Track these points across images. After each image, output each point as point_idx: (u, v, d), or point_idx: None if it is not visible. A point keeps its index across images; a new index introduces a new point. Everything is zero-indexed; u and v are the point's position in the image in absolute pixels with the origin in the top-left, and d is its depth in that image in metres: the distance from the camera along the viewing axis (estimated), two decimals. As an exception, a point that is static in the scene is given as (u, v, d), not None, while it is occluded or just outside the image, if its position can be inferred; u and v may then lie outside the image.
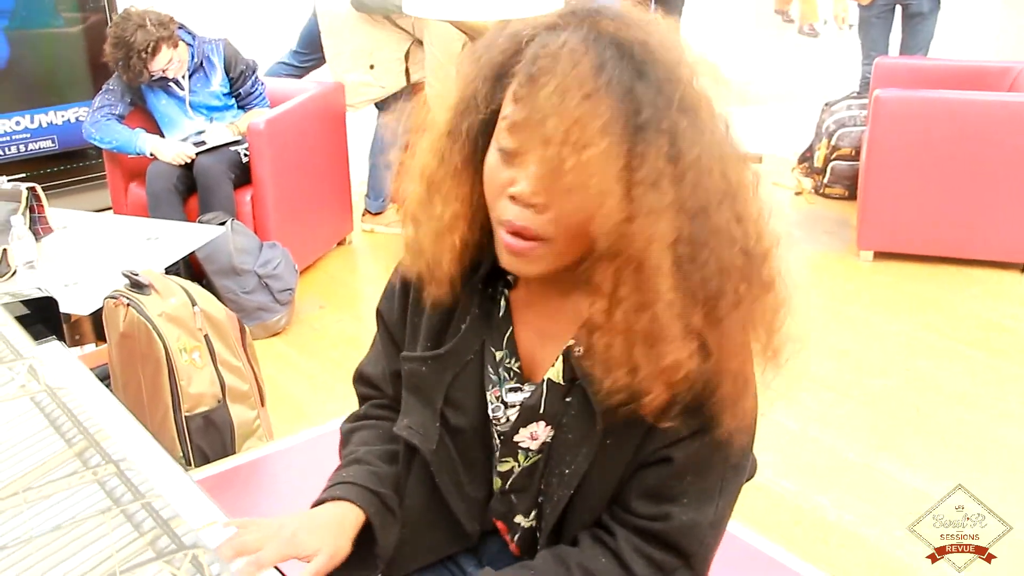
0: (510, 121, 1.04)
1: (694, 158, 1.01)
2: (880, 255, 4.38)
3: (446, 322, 1.24)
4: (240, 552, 1.14)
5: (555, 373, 1.18)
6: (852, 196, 4.88)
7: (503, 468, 1.25)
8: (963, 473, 2.81)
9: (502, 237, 1.08)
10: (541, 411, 1.19)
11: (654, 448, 1.12)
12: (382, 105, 4.66)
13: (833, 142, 5.06)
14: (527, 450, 1.22)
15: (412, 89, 4.55)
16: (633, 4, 1.10)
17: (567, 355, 1.16)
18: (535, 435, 1.21)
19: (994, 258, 4.26)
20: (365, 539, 1.25)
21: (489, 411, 1.24)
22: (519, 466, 1.24)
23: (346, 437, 1.40)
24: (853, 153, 4.96)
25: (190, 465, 2.69)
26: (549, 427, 1.19)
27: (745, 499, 1.24)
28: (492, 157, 1.07)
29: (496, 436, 1.25)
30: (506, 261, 1.10)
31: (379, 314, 1.35)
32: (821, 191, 5.19)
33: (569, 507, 1.18)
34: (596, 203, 1.00)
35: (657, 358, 1.03)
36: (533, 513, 1.25)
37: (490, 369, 1.23)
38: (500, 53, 1.08)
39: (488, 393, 1.23)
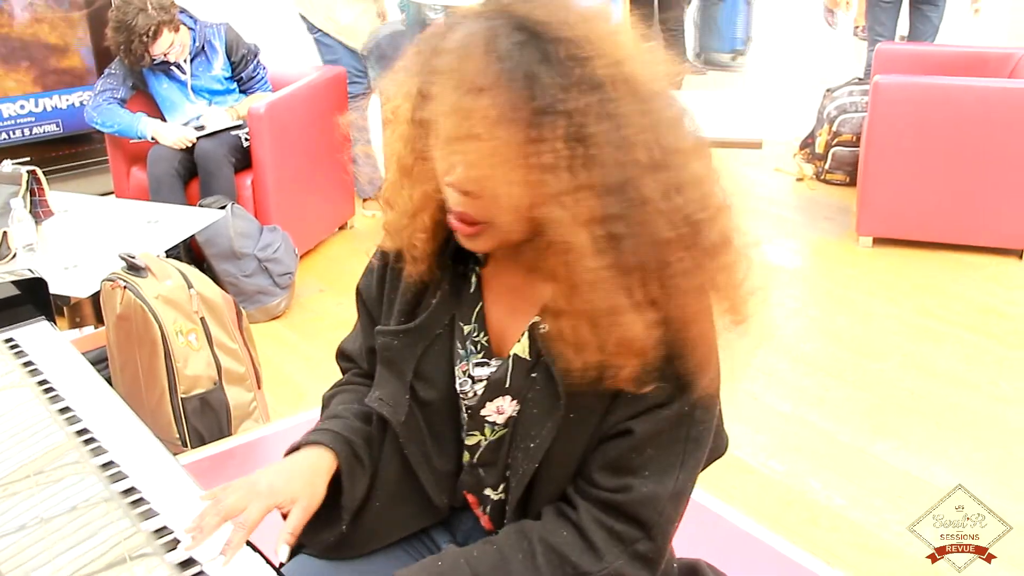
0: (423, 115, 1.08)
1: (604, 134, 1.00)
2: (879, 241, 4.38)
3: (419, 297, 1.26)
4: (226, 517, 1.16)
5: (521, 348, 1.20)
6: (853, 182, 4.88)
7: (470, 442, 1.28)
8: (958, 456, 2.82)
9: (450, 220, 1.11)
10: (507, 385, 1.22)
11: (615, 421, 1.15)
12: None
13: (834, 128, 5.05)
14: (494, 424, 1.25)
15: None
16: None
17: (532, 331, 1.19)
18: (501, 409, 1.23)
19: (993, 244, 4.26)
20: (331, 491, 1.27)
21: (456, 385, 1.26)
22: (486, 440, 1.26)
23: (326, 402, 1.44)
24: (854, 139, 4.96)
25: (186, 447, 2.71)
26: (515, 401, 1.21)
27: (735, 480, 1.26)
28: (436, 148, 1.09)
29: (464, 410, 1.27)
30: (460, 239, 1.13)
31: (358, 291, 1.38)
32: (822, 177, 5.19)
33: (535, 480, 1.20)
34: (503, 192, 1.03)
35: (609, 334, 1.04)
36: (502, 487, 1.27)
37: (458, 344, 1.25)
38: (434, 43, 1.10)
39: (456, 367, 1.26)
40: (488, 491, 1.29)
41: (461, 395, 1.26)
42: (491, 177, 1.03)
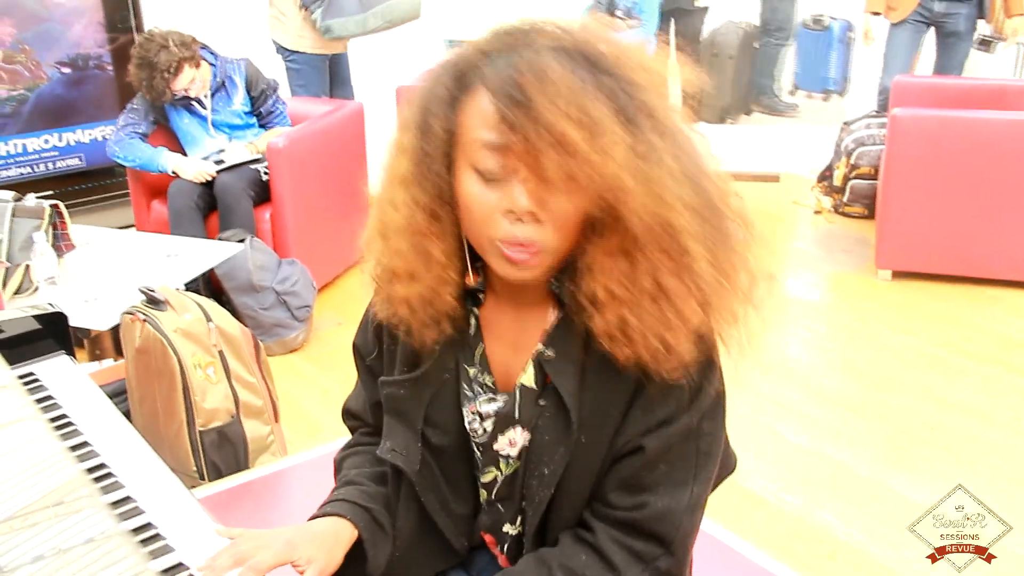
0: (495, 144, 1.06)
1: (675, 131, 1.08)
2: (898, 274, 4.37)
3: (420, 344, 1.26)
4: (238, 561, 1.17)
5: (527, 379, 1.21)
6: (871, 215, 4.87)
7: (486, 479, 1.28)
8: (978, 490, 2.79)
9: (502, 251, 1.09)
10: (516, 417, 1.22)
11: (626, 439, 1.16)
12: None
13: (852, 160, 5.05)
14: (507, 457, 1.25)
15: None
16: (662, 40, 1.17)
17: (538, 360, 1.19)
18: (513, 441, 1.23)
19: (1012, 277, 4.24)
20: (357, 556, 1.28)
21: (466, 424, 1.26)
22: (501, 474, 1.26)
23: (339, 465, 1.44)
24: (872, 172, 4.95)
25: (203, 479, 2.72)
26: (525, 431, 1.22)
27: (750, 514, 1.26)
28: (469, 183, 1.09)
29: (476, 448, 1.27)
30: (505, 271, 1.12)
31: (355, 348, 1.39)
32: (840, 210, 5.18)
33: (551, 508, 1.20)
34: (618, 187, 1.04)
35: (684, 310, 1.08)
36: (519, 520, 1.27)
37: (465, 386, 1.26)
38: (445, 90, 1.11)
39: (464, 409, 1.26)
40: (506, 527, 1.29)
41: (472, 433, 1.27)
42: (601, 176, 1.04)
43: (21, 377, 1.63)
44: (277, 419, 2.93)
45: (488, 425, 1.25)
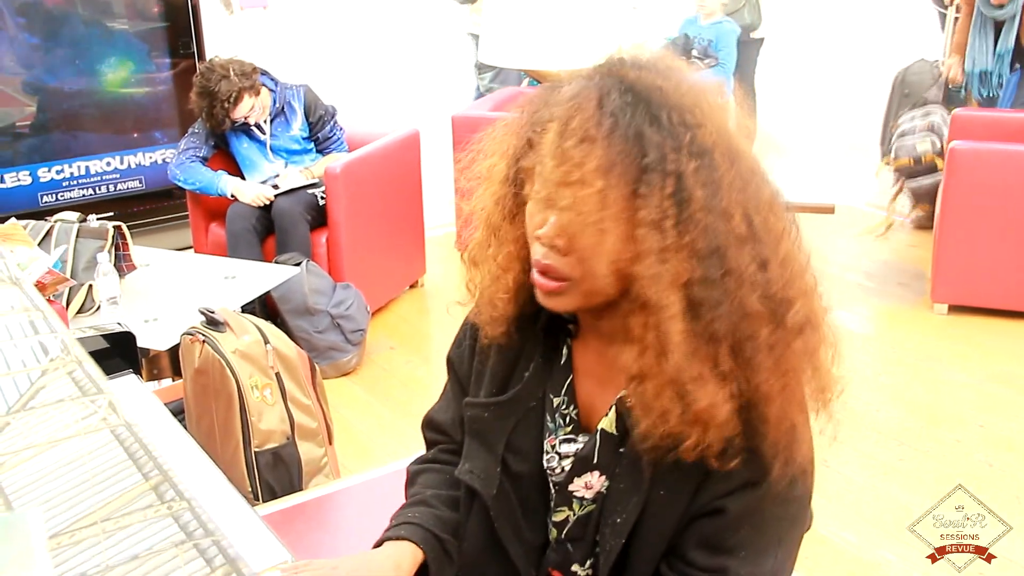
0: (531, 168, 1.09)
1: (705, 200, 1.02)
2: (955, 308, 4.31)
3: (510, 369, 1.26)
4: None
5: (608, 423, 1.19)
6: (917, 204, 5.04)
7: (558, 518, 1.26)
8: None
9: (534, 276, 1.12)
10: (595, 461, 1.20)
11: (707, 499, 1.12)
12: None
13: (892, 155, 5.04)
14: (582, 499, 1.23)
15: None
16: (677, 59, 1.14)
17: (619, 405, 1.18)
18: (589, 484, 1.21)
19: (1073, 313, 4.17)
20: None
21: (544, 462, 1.25)
22: (574, 515, 1.24)
23: (413, 478, 1.43)
24: (911, 162, 4.93)
25: (258, 500, 2.74)
26: (603, 477, 1.20)
27: (807, 551, 1.24)
28: (530, 201, 1.11)
29: (552, 486, 1.26)
30: (539, 297, 1.13)
31: (449, 361, 1.38)
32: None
33: (623, 556, 1.18)
34: (599, 241, 1.03)
35: (688, 402, 1.03)
36: (588, 563, 1.25)
37: (548, 416, 1.24)
38: (541, 100, 1.13)
39: (544, 441, 1.25)
40: (575, 567, 1.27)
41: (549, 472, 1.25)
42: (588, 227, 1.03)
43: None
44: (331, 441, 2.94)
45: (566, 465, 1.23)
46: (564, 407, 1.24)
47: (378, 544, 1.31)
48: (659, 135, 1.02)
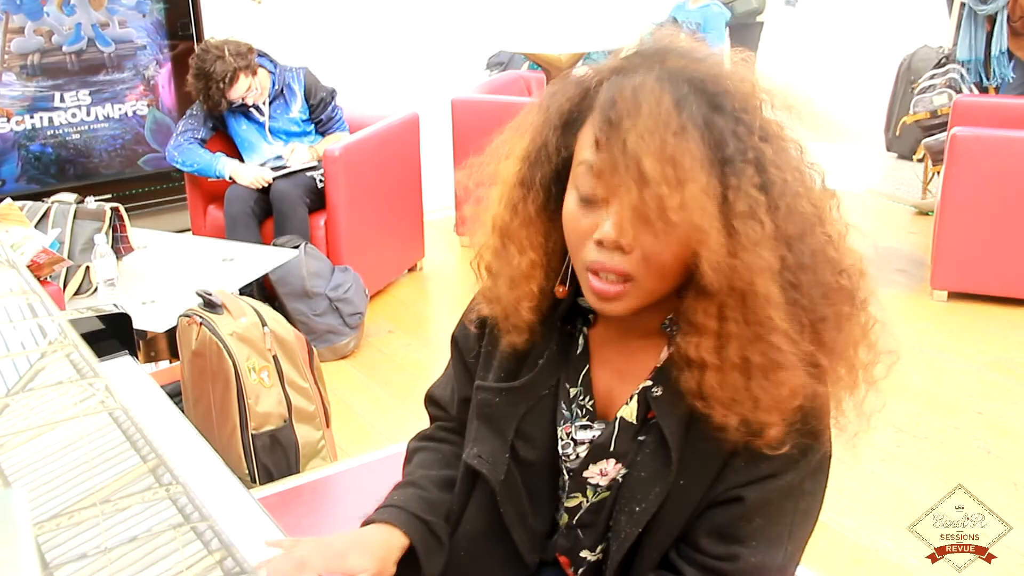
0: (592, 167, 1.03)
1: (783, 185, 1.02)
2: (954, 295, 4.31)
3: (523, 355, 1.24)
4: (293, 566, 1.17)
5: (628, 412, 1.18)
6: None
7: (571, 504, 1.25)
8: (1033, 520, 2.74)
9: (590, 281, 1.07)
10: (611, 449, 1.19)
11: (726, 487, 1.12)
12: None
13: (911, 110, 5.07)
14: (596, 486, 1.22)
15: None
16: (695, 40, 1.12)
17: (644, 395, 1.16)
18: (605, 472, 1.20)
19: (1073, 301, 4.16)
20: (412, 563, 1.26)
21: (559, 448, 1.24)
22: (587, 501, 1.24)
23: (410, 455, 1.42)
24: (928, 115, 4.95)
25: (255, 482, 2.74)
26: (619, 465, 1.19)
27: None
28: (571, 204, 1.07)
29: (565, 472, 1.25)
30: (594, 303, 1.10)
31: (454, 340, 1.36)
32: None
33: (637, 544, 1.17)
34: (698, 239, 0.99)
35: (775, 388, 1.03)
36: (599, 548, 1.24)
37: (563, 405, 1.23)
38: (568, 100, 1.09)
39: (559, 429, 1.23)
40: (584, 553, 1.26)
41: (564, 458, 1.24)
42: (686, 223, 0.98)
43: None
44: (328, 424, 2.94)
45: (581, 452, 1.22)
46: (581, 397, 1.23)
47: (364, 524, 1.29)
48: (727, 123, 1.01)
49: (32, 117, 4.64)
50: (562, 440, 1.23)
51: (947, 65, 5.13)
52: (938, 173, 5.11)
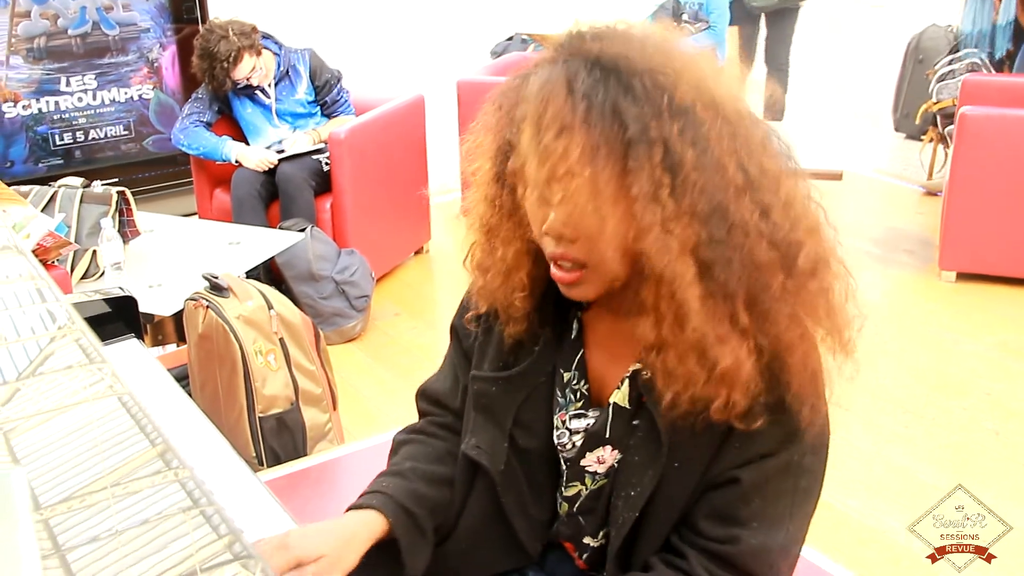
0: (513, 167, 1.09)
1: (696, 159, 1.00)
2: (963, 276, 4.28)
3: (518, 343, 1.24)
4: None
5: (620, 397, 1.18)
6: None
7: (570, 492, 1.25)
8: (1041, 501, 2.74)
9: (552, 270, 1.10)
10: (607, 436, 1.19)
11: (721, 469, 1.12)
12: None
13: (934, 98, 5.04)
14: (594, 474, 1.22)
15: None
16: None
17: (634, 378, 1.16)
18: (601, 459, 1.20)
19: (1082, 281, 4.15)
20: (394, 558, 1.24)
21: (555, 438, 1.23)
22: (586, 489, 1.24)
23: (396, 447, 1.39)
24: (953, 102, 4.90)
25: (262, 465, 2.75)
26: (615, 451, 1.19)
27: (812, 517, 1.22)
28: (526, 201, 1.10)
29: (563, 462, 1.24)
30: (562, 290, 1.12)
31: (453, 329, 1.36)
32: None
33: (637, 528, 1.17)
34: (600, 227, 1.02)
35: (712, 363, 1.02)
36: (601, 533, 1.24)
37: (558, 391, 1.23)
38: (510, 98, 1.11)
39: (555, 417, 1.23)
40: (587, 539, 1.26)
41: (560, 448, 1.24)
42: (589, 214, 1.02)
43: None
44: (335, 407, 2.95)
45: (577, 440, 1.22)
46: (575, 382, 1.22)
47: (348, 510, 1.26)
48: (636, 105, 1.00)
49: (39, 101, 4.64)
50: (557, 429, 1.23)
51: (963, 50, 5.10)
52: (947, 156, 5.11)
